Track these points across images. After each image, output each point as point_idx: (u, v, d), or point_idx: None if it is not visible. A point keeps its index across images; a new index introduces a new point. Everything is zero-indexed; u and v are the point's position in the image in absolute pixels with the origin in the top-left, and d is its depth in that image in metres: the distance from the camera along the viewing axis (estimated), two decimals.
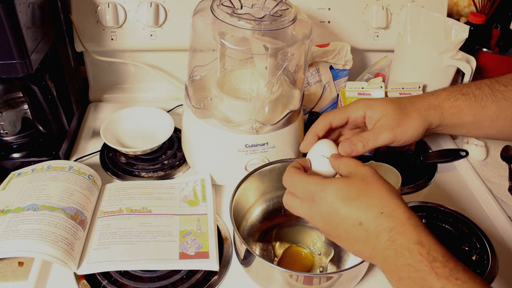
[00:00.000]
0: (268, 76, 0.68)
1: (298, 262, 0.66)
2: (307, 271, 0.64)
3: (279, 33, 0.63)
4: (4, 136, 0.76)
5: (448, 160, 0.85)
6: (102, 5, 0.84)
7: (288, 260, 0.65)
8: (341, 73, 0.92)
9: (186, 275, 0.61)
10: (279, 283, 0.56)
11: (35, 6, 0.67)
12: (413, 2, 0.92)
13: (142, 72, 0.96)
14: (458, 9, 1.02)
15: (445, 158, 0.85)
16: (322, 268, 0.64)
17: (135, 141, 0.83)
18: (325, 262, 0.65)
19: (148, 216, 0.67)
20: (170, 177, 0.78)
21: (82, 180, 0.69)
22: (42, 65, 0.71)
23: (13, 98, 0.78)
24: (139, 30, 0.88)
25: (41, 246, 0.57)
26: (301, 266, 0.65)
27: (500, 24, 0.98)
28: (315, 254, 0.66)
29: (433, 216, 0.74)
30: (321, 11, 0.91)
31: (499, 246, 0.69)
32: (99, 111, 0.95)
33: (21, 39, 0.62)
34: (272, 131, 0.69)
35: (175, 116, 0.85)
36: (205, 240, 0.63)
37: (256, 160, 0.70)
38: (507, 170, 0.85)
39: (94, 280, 0.60)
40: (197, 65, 0.74)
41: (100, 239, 0.63)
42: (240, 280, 0.61)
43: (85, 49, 0.88)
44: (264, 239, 0.68)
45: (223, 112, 0.69)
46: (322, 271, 0.64)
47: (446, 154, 0.86)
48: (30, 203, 0.62)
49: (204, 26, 0.66)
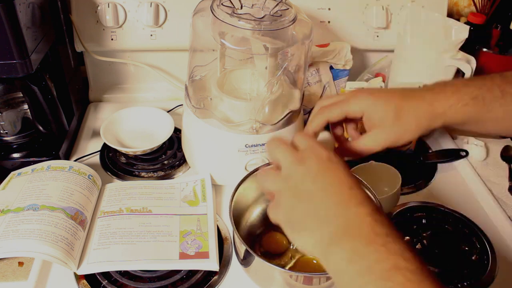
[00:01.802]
0: (268, 76, 0.68)
1: (273, 244, 0.66)
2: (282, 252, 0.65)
3: (279, 33, 0.63)
4: (4, 136, 0.76)
5: (448, 160, 0.85)
6: (102, 5, 0.84)
7: (267, 244, 0.66)
8: (341, 73, 0.92)
9: (186, 275, 0.61)
10: (278, 283, 0.56)
11: (35, 6, 0.67)
12: (413, 2, 0.92)
13: (142, 72, 0.96)
14: (458, 9, 1.02)
15: (445, 158, 0.85)
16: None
17: (135, 141, 0.83)
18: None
19: (148, 216, 0.67)
20: (170, 177, 0.78)
21: (82, 180, 0.69)
22: (42, 65, 0.71)
23: (13, 98, 0.78)
24: (139, 30, 0.88)
25: (41, 246, 0.57)
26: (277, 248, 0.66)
27: (500, 24, 0.98)
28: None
29: (433, 216, 0.74)
30: (321, 11, 0.91)
31: (499, 246, 0.69)
32: (99, 111, 0.95)
33: (21, 39, 0.62)
34: (272, 131, 0.69)
35: (175, 116, 0.85)
36: (205, 240, 0.63)
37: (256, 160, 0.70)
38: (507, 170, 0.85)
39: (94, 280, 0.60)
40: (197, 65, 0.74)
41: (100, 239, 0.63)
42: (240, 280, 0.61)
43: (85, 49, 0.88)
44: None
45: (223, 112, 0.69)
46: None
47: (446, 154, 0.86)
48: (30, 203, 0.62)
49: (204, 26, 0.66)
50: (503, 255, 0.67)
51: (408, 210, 0.74)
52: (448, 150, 0.87)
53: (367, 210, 0.41)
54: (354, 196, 0.42)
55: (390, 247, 0.38)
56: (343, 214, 0.41)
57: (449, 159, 0.85)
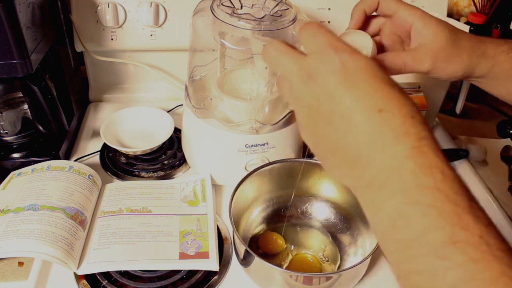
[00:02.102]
0: (268, 76, 0.68)
1: (270, 244, 0.66)
2: (278, 253, 0.64)
3: (279, 33, 0.63)
4: (4, 136, 0.76)
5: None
6: (102, 5, 0.84)
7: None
8: None
9: (186, 275, 0.61)
10: (278, 283, 0.56)
11: (35, 6, 0.67)
12: (413, 2, 0.92)
13: (142, 72, 0.96)
14: (458, 9, 1.02)
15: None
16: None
17: (135, 141, 0.83)
18: (333, 269, 0.63)
19: (148, 216, 0.67)
20: (170, 177, 0.78)
21: (82, 180, 0.69)
22: (42, 65, 0.71)
23: (13, 98, 0.78)
24: (139, 30, 0.88)
25: (41, 246, 0.57)
26: (273, 248, 0.65)
27: (500, 24, 0.98)
28: (324, 261, 0.65)
29: None
30: (321, 11, 0.91)
31: None
32: (99, 111, 0.95)
33: (21, 39, 0.62)
34: (272, 131, 0.69)
35: (175, 116, 0.85)
36: (205, 240, 0.63)
37: (256, 160, 0.70)
38: (507, 170, 0.85)
39: (94, 280, 0.60)
40: (197, 65, 0.74)
41: (100, 239, 0.63)
42: (240, 280, 0.61)
43: (85, 49, 0.88)
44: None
45: (223, 112, 0.69)
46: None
47: (446, 154, 0.85)
48: (30, 203, 0.62)
49: (204, 26, 0.66)
50: None
51: None
52: (447, 150, 0.87)
53: (407, 146, 0.30)
54: (387, 123, 0.31)
55: (444, 209, 0.28)
56: (375, 159, 0.31)
57: (448, 160, 0.84)
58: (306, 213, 0.71)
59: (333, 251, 0.66)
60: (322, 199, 0.70)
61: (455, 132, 0.96)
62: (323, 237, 0.68)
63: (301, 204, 0.71)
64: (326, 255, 0.66)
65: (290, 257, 0.65)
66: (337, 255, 0.65)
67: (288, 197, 0.69)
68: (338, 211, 0.69)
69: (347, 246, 0.66)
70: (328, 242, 0.67)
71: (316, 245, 0.67)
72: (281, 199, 0.70)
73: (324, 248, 0.66)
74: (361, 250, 0.64)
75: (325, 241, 0.67)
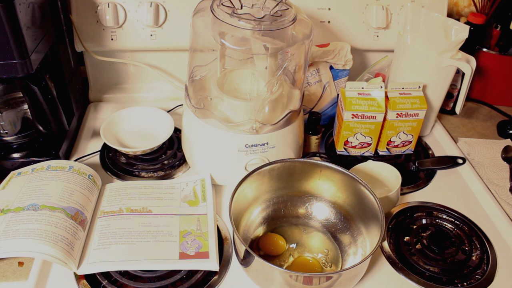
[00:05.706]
0: (268, 76, 0.68)
1: (271, 245, 0.66)
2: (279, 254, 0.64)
3: (279, 33, 0.63)
4: (4, 136, 0.76)
5: (444, 167, 0.83)
6: (102, 5, 0.84)
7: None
8: (341, 73, 0.92)
9: (186, 275, 0.61)
10: (278, 283, 0.56)
11: (35, 6, 0.67)
12: (413, 2, 0.92)
13: (142, 72, 0.96)
14: (458, 9, 1.02)
15: (441, 165, 0.83)
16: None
17: (135, 141, 0.83)
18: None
19: (148, 216, 0.67)
20: (170, 177, 0.78)
21: (82, 180, 0.69)
22: (42, 65, 0.71)
23: (13, 98, 0.78)
24: (139, 30, 0.88)
25: (41, 246, 0.57)
26: (274, 250, 0.65)
27: (500, 24, 0.99)
28: (327, 266, 0.64)
29: (433, 216, 0.74)
30: (321, 11, 0.91)
31: (499, 246, 0.69)
32: (99, 111, 0.95)
33: (21, 39, 0.62)
34: (272, 131, 0.69)
35: (175, 116, 0.85)
36: (205, 240, 0.63)
37: (256, 160, 0.70)
38: (507, 170, 0.85)
39: (94, 280, 0.60)
40: (197, 65, 0.74)
41: (100, 239, 0.63)
42: (240, 280, 0.61)
43: (85, 49, 0.88)
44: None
45: (223, 112, 0.69)
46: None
47: (443, 161, 0.84)
48: (30, 203, 0.62)
49: (204, 26, 0.66)
50: (503, 255, 0.67)
51: (408, 210, 0.74)
52: (445, 158, 0.85)
53: None
54: None
55: None
56: None
57: (445, 167, 0.83)
58: (306, 213, 0.71)
59: (335, 255, 0.66)
60: (322, 199, 0.70)
61: (455, 132, 0.96)
62: (323, 237, 0.68)
63: (301, 204, 0.71)
64: (329, 260, 0.65)
65: (292, 259, 0.65)
66: (339, 258, 0.65)
67: (288, 197, 0.69)
68: (338, 211, 0.69)
69: (347, 246, 0.66)
70: (330, 244, 0.67)
71: (317, 246, 0.67)
72: (281, 199, 0.70)
73: (327, 252, 0.66)
74: (361, 250, 0.64)
75: (327, 242, 0.67)
